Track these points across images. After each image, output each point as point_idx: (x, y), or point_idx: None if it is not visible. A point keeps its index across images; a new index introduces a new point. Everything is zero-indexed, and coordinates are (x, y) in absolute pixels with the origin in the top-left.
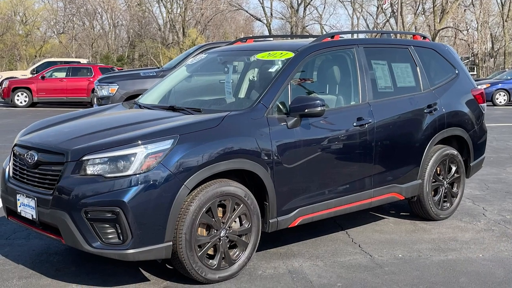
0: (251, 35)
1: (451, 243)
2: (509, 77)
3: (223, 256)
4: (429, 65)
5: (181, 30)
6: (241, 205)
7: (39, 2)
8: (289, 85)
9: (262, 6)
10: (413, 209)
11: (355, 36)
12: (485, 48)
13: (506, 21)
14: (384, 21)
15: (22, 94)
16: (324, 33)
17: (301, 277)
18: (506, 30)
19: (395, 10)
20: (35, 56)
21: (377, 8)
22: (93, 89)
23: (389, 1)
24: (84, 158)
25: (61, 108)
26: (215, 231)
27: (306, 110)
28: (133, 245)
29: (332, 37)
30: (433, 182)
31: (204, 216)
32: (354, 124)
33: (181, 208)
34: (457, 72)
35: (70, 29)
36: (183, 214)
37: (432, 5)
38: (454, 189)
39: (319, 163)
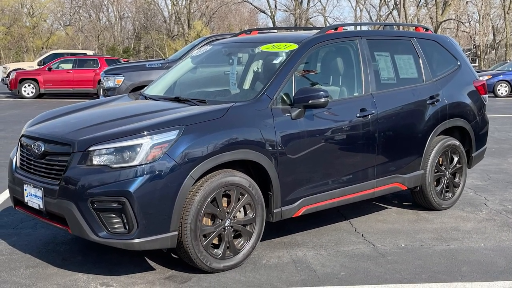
0: (255, 27)
1: (453, 232)
2: (510, 69)
3: (228, 245)
4: (431, 56)
5: (186, 22)
6: (246, 195)
7: None
8: (293, 77)
9: None
10: (415, 199)
11: (358, 28)
12: (486, 40)
13: (507, 13)
14: (387, 13)
15: (29, 85)
16: (328, 25)
17: (304, 266)
18: (507, 22)
19: (397, 2)
20: (42, 48)
21: (380, 0)
22: (99, 80)
23: None
24: (90, 149)
25: (67, 99)
26: (220, 220)
27: (310, 101)
28: (139, 235)
29: (336, 29)
30: (435, 172)
31: (209, 206)
32: (357, 115)
33: (186, 198)
34: (459, 63)
35: (76, 21)
36: (188, 204)
37: None
38: (456, 179)
39: (322, 154)
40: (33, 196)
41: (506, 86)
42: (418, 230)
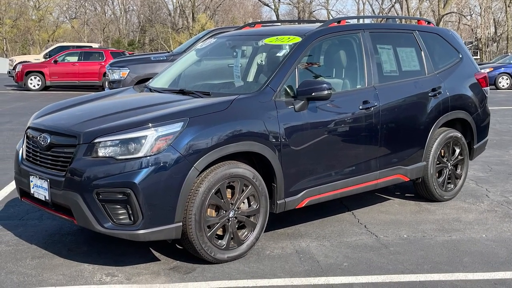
0: (259, 20)
1: (455, 223)
2: (511, 61)
3: (232, 236)
4: (433, 49)
5: (191, 15)
6: (250, 187)
7: None
8: (296, 69)
9: None
10: (417, 191)
11: (361, 21)
12: (488, 33)
13: (509, 6)
14: (389, 7)
15: (35, 78)
16: (331, 18)
17: (308, 257)
18: (509, 15)
19: None
20: (48, 41)
21: None
22: (105, 73)
23: None
24: (96, 141)
25: (73, 91)
26: (224, 212)
27: (313, 94)
28: (144, 226)
29: (339, 22)
30: (437, 164)
31: (213, 197)
32: (360, 107)
33: (190, 190)
34: (460, 56)
35: (82, 14)
36: (193, 195)
37: None
38: (458, 171)
39: (325, 146)
40: (39, 188)
41: (507, 79)
42: (420, 221)
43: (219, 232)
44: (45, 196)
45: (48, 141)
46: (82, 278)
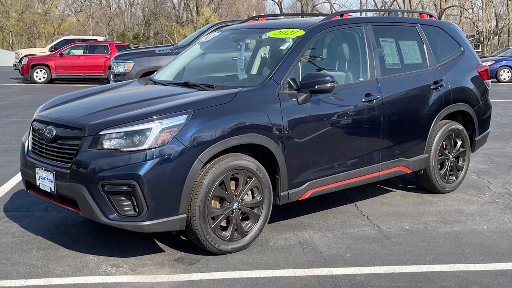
0: (262, 14)
1: (457, 215)
2: None
3: (236, 227)
4: (435, 42)
5: (195, 8)
6: (253, 179)
7: None
8: (299, 62)
9: None
10: (419, 182)
11: (363, 14)
12: (489, 26)
13: (510, 0)
14: (391, 0)
15: (41, 70)
16: (334, 11)
17: (311, 248)
18: (510, 8)
19: None
20: (54, 34)
21: None
22: (110, 66)
23: None
24: (101, 133)
25: (78, 84)
26: (228, 203)
27: (316, 86)
28: (149, 217)
29: (342, 15)
30: (439, 156)
31: (217, 189)
32: (363, 100)
33: (195, 181)
34: (462, 49)
35: (87, 8)
36: (197, 187)
37: None
38: (460, 163)
39: (328, 138)
40: (45, 179)
41: (508, 72)
42: (422, 212)
43: (223, 224)
44: (50, 188)
45: (54, 133)
46: (88, 269)
